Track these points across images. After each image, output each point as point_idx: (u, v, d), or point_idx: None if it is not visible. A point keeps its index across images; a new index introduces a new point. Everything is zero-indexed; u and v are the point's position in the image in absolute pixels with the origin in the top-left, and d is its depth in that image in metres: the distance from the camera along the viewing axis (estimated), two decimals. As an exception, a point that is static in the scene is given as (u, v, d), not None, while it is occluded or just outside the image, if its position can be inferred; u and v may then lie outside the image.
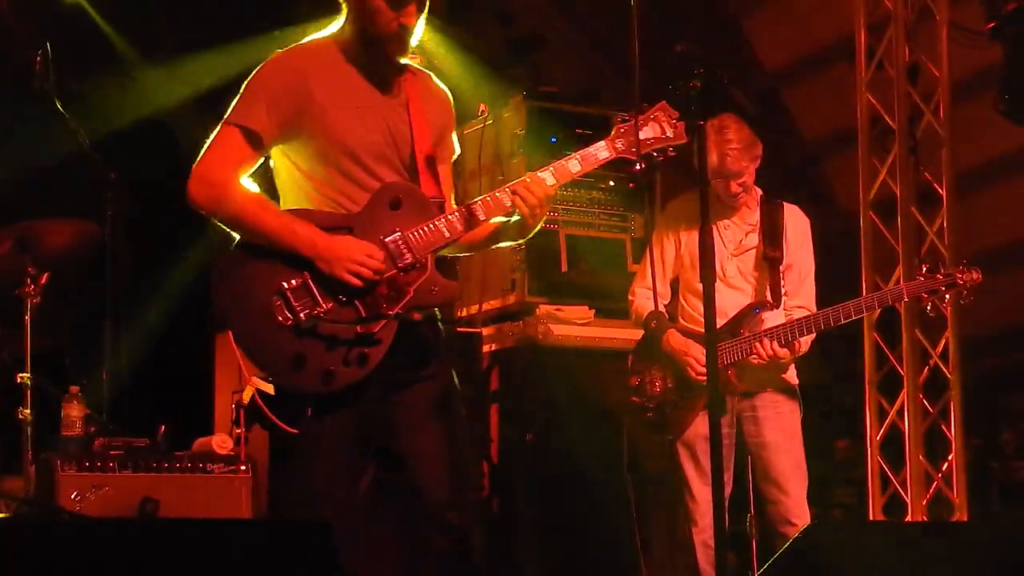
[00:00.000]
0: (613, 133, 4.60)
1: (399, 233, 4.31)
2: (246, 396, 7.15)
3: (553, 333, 7.69)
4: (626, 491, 6.43)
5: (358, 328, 4.24)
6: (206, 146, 4.37)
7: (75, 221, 7.21)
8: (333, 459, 4.34)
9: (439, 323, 4.59)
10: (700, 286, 4.66)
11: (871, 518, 8.31)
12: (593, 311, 7.87)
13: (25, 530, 3.70)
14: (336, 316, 4.23)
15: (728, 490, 6.15)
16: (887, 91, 8.49)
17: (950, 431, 8.19)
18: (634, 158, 4.58)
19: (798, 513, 6.15)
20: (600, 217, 8.13)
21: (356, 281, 4.23)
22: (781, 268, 6.21)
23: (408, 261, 4.29)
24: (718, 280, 5.88)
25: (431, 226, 4.33)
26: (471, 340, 7.85)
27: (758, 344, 6.00)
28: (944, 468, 8.19)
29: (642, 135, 4.56)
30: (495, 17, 10.49)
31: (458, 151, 4.75)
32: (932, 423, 8.28)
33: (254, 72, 4.42)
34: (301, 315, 4.21)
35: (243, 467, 7.16)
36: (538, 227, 4.62)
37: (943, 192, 8.33)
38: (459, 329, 7.92)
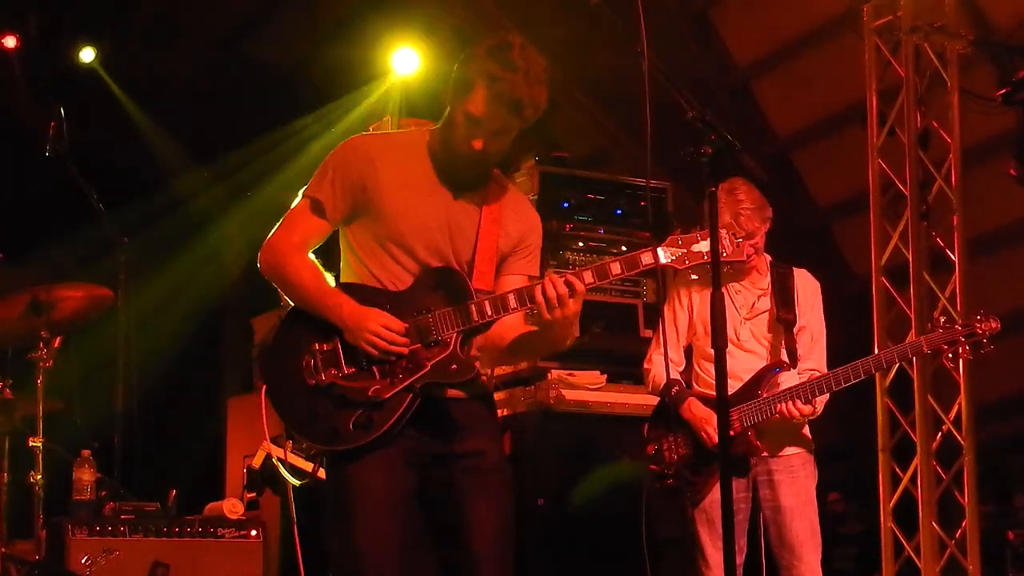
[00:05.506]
0: (668, 240, 4.66)
1: (429, 311, 4.51)
2: (257, 460, 7.16)
3: (565, 398, 7.67)
4: (641, 556, 6.39)
5: (369, 393, 4.43)
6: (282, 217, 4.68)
7: (88, 285, 7.22)
8: (373, 508, 4.46)
9: (485, 400, 4.73)
10: (712, 351, 4.66)
11: (884, 585, 8.27)
12: (605, 376, 7.85)
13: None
14: (353, 380, 4.46)
15: (742, 556, 6.13)
16: (899, 157, 8.49)
17: (963, 497, 8.16)
18: (682, 267, 4.64)
19: (812, 579, 6.12)
20: (612, 282, 8.13)
21: (372, 350, 4.44)
22: (795, 330, 6.22)
23: (432, 337, 4.49)
24: (731, 344, 5.88)
25: (461, 307, 4.51)
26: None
27: (781, 405, 5.99)
28: (958, 535, 8.14)
29: (696, 248, 4.62)
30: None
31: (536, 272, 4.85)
32: (945, 489, 8.25)
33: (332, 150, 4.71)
34: (322, 376, 4.46)
35: (254, 532, 7.15)
36: (568, 336, 4.67)
37: (955, 258, 8.34)
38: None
